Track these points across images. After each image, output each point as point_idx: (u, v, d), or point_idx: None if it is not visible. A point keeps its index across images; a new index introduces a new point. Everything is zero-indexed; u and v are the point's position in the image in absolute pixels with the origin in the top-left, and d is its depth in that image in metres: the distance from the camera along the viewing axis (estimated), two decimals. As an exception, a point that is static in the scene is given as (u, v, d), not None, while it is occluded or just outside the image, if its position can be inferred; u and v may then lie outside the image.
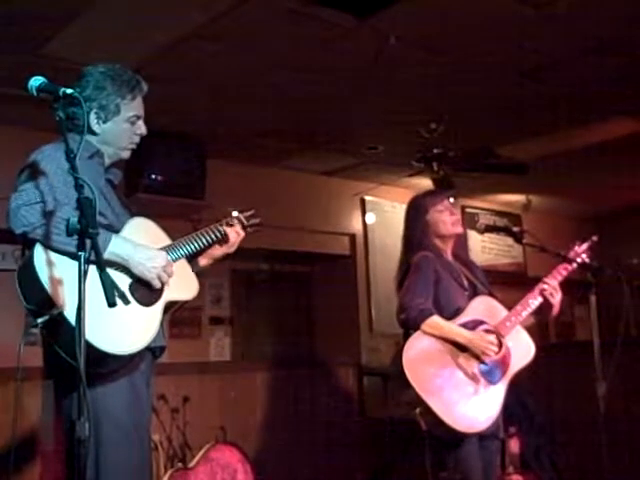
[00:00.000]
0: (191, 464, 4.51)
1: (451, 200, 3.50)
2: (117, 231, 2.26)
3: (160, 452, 4.49)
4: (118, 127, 2.38)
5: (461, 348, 3.16)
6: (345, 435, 6.23)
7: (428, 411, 3.06)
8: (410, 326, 3.18)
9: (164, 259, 2.29)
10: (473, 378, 3.15)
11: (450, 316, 3.22)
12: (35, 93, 1.95)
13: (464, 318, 3.23)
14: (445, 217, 3.41)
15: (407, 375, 3.07)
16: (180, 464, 4.52)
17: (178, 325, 5.89)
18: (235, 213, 2.73)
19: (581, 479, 4.88)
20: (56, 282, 2.03)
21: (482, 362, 3.16)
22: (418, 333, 3.16)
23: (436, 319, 3.15)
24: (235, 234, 2.67)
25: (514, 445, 4.95)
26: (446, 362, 3.14)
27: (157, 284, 2.25)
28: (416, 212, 3.48)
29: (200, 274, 2.61)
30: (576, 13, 3.74)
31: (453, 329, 3.16)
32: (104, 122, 2.36)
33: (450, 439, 3.12)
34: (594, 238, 3.37)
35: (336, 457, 6.01)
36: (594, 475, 3.54)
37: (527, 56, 4.27)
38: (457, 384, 3.12)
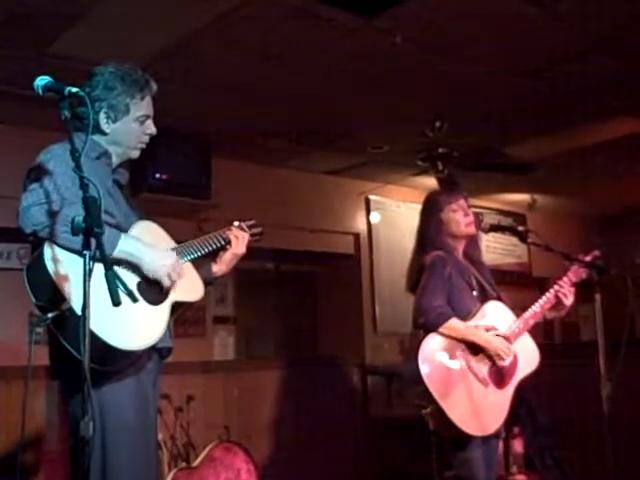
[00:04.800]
0: (195, 463, 4.50)
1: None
2: (125, 231, 2.27)
3: (164, 451, 4.49)
4: (127, 127, 2.38)
5: (474, 351, 3.19)
6: (349, 434, 6.23)
7: (438, 412, 3.08)
8: (428, 329, 3.19)
9: (173, 258, 2.30)
10: (483, 382, 3.18)
11: (460, 318, 3.22)
12: (41, 92, 1.95)
13: (476, 322, 3.25)
14: (459, 217, 3.41)
15: (422, 374, 3.08)
16: (184, 463, 4.51)
17: (182, 324, 5.89)
18: (236, 223, 2.80)
19: None
20: (65, 278, 2.04)
21: (494, 364, 3.18)
22: (433, 334, 3.17)
23: (455, 322, 3.17)
24: (236, 236, 2.71)
25: (518, 445, 4.95)
26: (459, 365, 3.17)
27: (167, 282, 2.25)
28: (431, 210, 3.49)
29: (213, 283, 2.64)
30: (580, 12, 3.73)
31: (472, 330, 3.19)
32: (114, 122, 2.36)
33: (456, 439, 3.14)
34: (596, 252, 3.38)
35: (340, 456, 6.01)
36: (598, 476, 3.54)
37: (533, 55, 4.26)
38: (468, 387, 3.14)
